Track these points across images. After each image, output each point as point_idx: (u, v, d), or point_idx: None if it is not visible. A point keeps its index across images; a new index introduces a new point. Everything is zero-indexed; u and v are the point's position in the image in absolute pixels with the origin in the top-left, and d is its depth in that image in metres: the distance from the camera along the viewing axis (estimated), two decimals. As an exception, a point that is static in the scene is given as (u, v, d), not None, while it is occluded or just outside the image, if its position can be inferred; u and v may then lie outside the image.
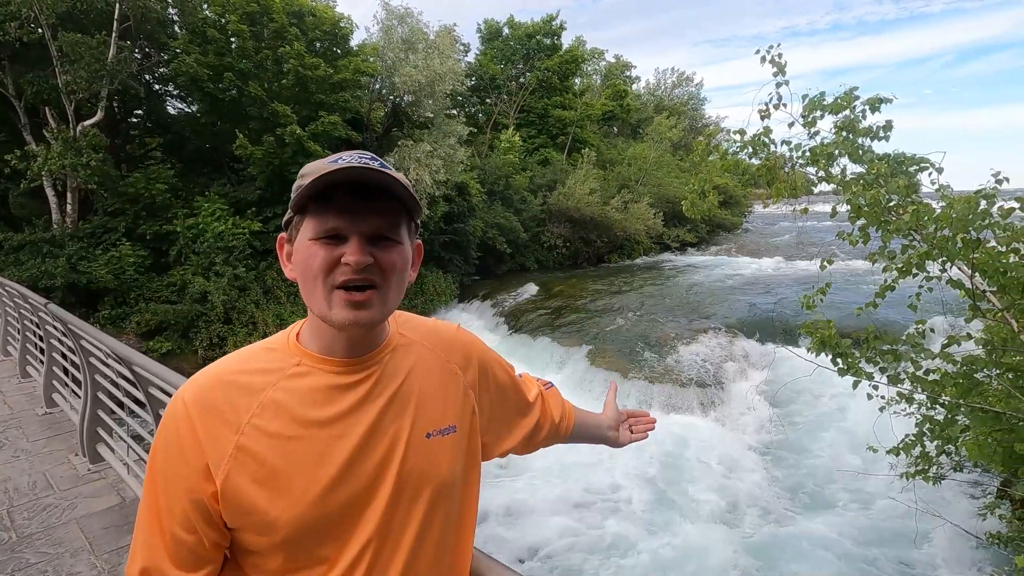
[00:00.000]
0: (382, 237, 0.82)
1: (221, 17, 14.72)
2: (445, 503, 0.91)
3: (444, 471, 0.90)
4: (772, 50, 4.09)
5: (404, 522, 0.86)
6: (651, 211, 25.62)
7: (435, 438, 0.90)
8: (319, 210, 0.80)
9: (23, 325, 5.76)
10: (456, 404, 0.96)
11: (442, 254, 18.75)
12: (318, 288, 0.81)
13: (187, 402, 0.81)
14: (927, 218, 3.36)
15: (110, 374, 3.55)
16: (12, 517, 3.20)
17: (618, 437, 1.36)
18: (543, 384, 1.26)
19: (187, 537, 0.79)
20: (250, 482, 0.79)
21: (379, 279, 0.82)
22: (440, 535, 0.91)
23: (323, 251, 0.80)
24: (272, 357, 0.87)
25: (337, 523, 0.82)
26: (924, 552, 6.30)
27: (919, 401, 4.00)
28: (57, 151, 11.97)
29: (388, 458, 0.85)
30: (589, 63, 36.50)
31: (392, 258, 0.83)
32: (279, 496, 0.79)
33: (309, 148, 14.30)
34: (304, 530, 0.80)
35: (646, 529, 7.01)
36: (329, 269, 0.80)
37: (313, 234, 0.81)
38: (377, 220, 0.81)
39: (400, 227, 0.85)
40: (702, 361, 10.92)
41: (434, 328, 1.03)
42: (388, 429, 0.86)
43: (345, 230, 0.80)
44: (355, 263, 0.78)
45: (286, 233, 0.87)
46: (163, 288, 13.10)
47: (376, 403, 0.86)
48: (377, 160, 0.83)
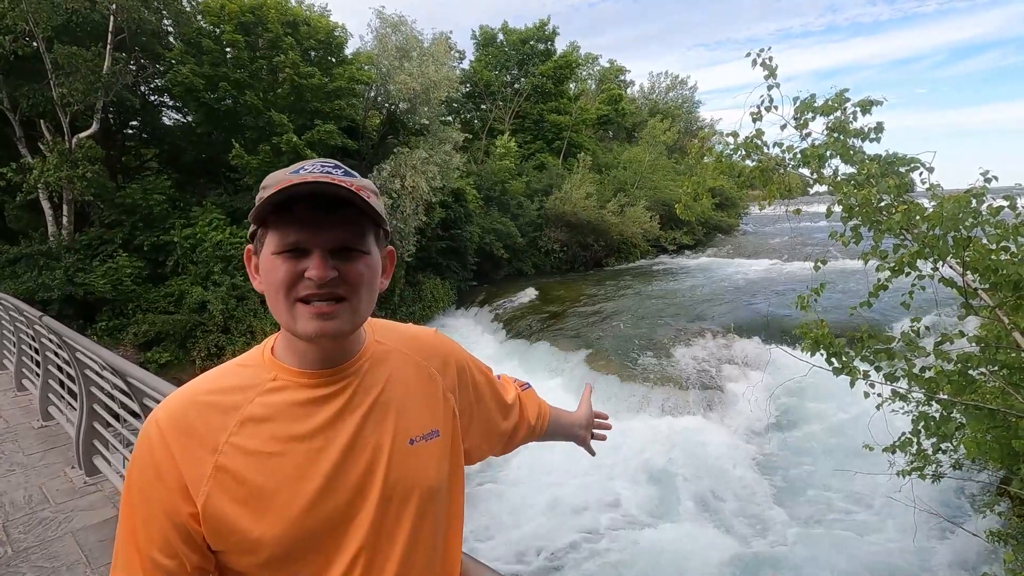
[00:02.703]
0: (346, 248, 0.80)
1: (216, 28, 14.77)
2: (433, 509, 0.90)
3: (430, 476, 0.90)
4: (763, 53, 4.12)
5: (393, 531, 0.85)
6: (647, 214, 25.71)
7: (419, 444, 0.89)
8: (279, 223, 0.78)
9: (18, 338, 5.75)
10: (437, 408, 0.95)
11: (439, 260, 18.77)
12: (281, 302, 0.79)
13: (161, 425, 0.79)
14: (918, 217, 3.38)
15: (105, 386, 3.55)
16: (8, 531, 3.18)
17: (587, 436, 1.43)
18: (520, 385, 1.27)
19: (167, 562, 0.77)
20: (231, 502, 0.77)
21: (345, 291, 0.80)
22: (431, 541, 0.90)
23: (285, 265, 0.78)
24: (247, 374, 0.85)
25: (324, 538, 0.81)
26: (924, 551, 6.29)
27: (915, 399, 4.01)
28: (53, 163, 11.98)
29: (372, 468, 0.84)
30: (583, 68, 36.69)
31: (358, 269, 0.81)
32: (262, 514, 0.78)
33: (306, 156, 14.32)
34: (290, 547, 0.79)
35: (646, 531, 6.99)
36: (292, 284, 0.78)
37: (275, 248, 0.79)
38: (340, 232, 0.79)
39: (366, 236, 0.82)
40: (701, 363, 10.93)
41: (411, 334, 1.02)
42: (370, 439, 0.85)
43: (306, 243, 0.78)
44: (317, 278, 0.77)
45: (252, 245, 0.85)
46: (160, 299, 13.08)
47: (356, 413, 0.85)
48: (341, 168, 0.81)
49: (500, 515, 7.35)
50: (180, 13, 14.91)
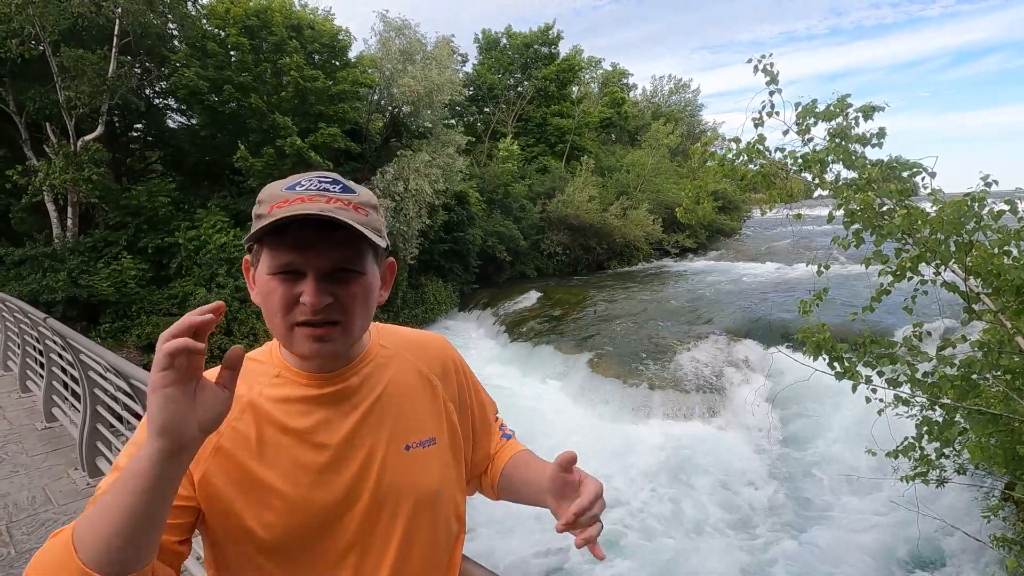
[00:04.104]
0: (343, 270, 0.79)
1: (221, 31, 14.87)
2: (429, 514, 0.90)
3: (426, 483, 0.90)
4: (764, 60, 4.13)
5: (386, 535, 0.86)
6: (650, 217, 25.70)
7: (415, 450, 0.90)
8: (274, 244, 0.77)
9: (23, 340, 5.78)
10: (436, 416, 0.95)
11: (442, 263, 18.80)
12: (278, 324, 0.80)
13: None
14: (920, 222, 3.37)
15: (109, 388, 3.57)
16: (11, 532, 3.20)
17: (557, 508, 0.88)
18: (503, 434, 1.15)
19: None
20: (226, 483, 0.80)
21: (340, 315, 0.79)
22: (427, 546, 0.91)
23: (281, 288, 0.77)
24: (255, 367, 0.88)
25: (314, 535, 0.82)
26: (928, 556, 6.26)
27: (918, 403, 4.00)
28: (59, 166, 12.05)
29: (365, 470, 0.85)
30: (586, 71, 36.75)
31: (353, 291, 0.80)
32: (254, 502, 0.80)
33: (310, 159, 14.40)
34: (281, 539, 0.81)
35: (646, 534, 6.97)
36: (288, 307, 0.78)
37: (270, 269, 0.78)
38: (335, 253, 0.78)
39: (363, 256, 0.81)
40: (703, 367, 10.91)
41: (416, 339, 1.02)
42: (365, 441, 0.86)
43: (301, 265, 0.77)
44: (311, 305, 0.76)
45: (250, 256, 0.85)
46: (164, 301, 13.13)
47: (352, 415, 0.86)
48: (339, 184, 0.80)
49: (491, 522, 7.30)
50: (185, 16, 15.02)
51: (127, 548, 0.62)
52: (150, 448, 0.63)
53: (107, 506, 0.63)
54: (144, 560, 0.66)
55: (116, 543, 0.62)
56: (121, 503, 0.63)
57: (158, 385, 0.63)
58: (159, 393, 0.63)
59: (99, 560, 0.62)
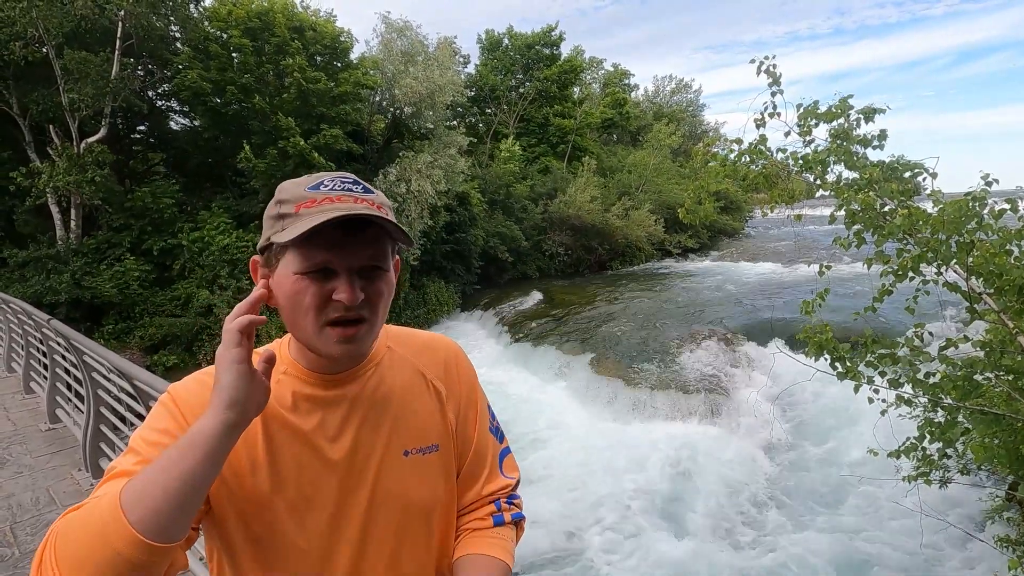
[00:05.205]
0: (372, 267, 0.80)
1: (223, 33, 14.91)
2: (425, 521, 0.91)
3: (423, 490, 0.90)
4: (767, 61, 4.13)
5: (381, 539, 0.87)
6: (652, 217, 25.68)
7: (414, 456, 0.90)
8: (305, 243, 0.76)
9: (27, 341, 5.81)
10: (439, 423, 0.95)
11: (444, 264, 18.81)
12: (309, 323, 0.79)
13: (174, 396, 0.83)
14: (921, 222, 3.37)
15: (112, 389, 3.58)
16: (15, 533, 3.21)
17: None
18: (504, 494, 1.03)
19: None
20: (230, 474, 0.80)
21: (368, 312, 0.81)
22: (423, 552, 0.91)
23: (313, 286, 0.77)
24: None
25: (311, 534, 0.83)
26: (931, 557, 6.24)
27: (921, 404, 3.99)
28: (62, 168, 12.11)
29: (363, 474, 0.86)
30: (588, 72, 36.76)
31: (380, 288, 0.82)
32: (253, 488, 0.81)
33: (312, 160, 14.43)
34: (278, 535, 0.82)
35: (650, 536, 6.97)
36: (321, 306, 0.78)
37: (300, 268, 0.77)
38: (367, 251, 0.79)
39: (388, 254, 0.83)
40: (705, 367, 10.89)
41: (425, 343, 1.01)
42: (363, 444, 0.87)
43: (335, 264, 0.77)
44: (347, 301, 0.77)
45: (261, 257, 0.83)
46: (167, 302, 13.18)
47: (352, 417, 0.87)
48: (360, 184, 0.81)
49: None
50: (188, 19, 15.08)
51: (176, 515, 0.65)
52: (214, 420, 0.69)
53: (163, 472, 0.66)
54: (182, 533, 0.68)
55: (166, 509, 0.64)
56: (180, 470, 0.66)
57: (235, 360, 0.70)
58: (234, 369, 0.70)
59: (148, 526, 0.63)
